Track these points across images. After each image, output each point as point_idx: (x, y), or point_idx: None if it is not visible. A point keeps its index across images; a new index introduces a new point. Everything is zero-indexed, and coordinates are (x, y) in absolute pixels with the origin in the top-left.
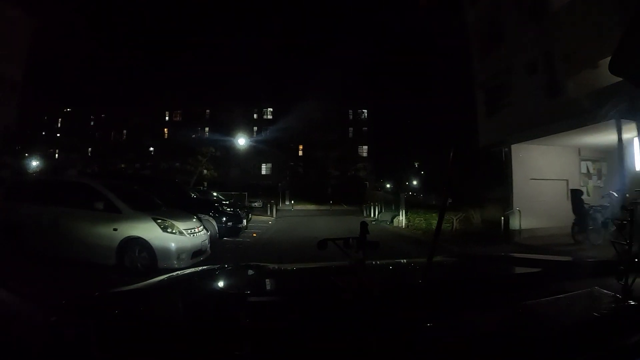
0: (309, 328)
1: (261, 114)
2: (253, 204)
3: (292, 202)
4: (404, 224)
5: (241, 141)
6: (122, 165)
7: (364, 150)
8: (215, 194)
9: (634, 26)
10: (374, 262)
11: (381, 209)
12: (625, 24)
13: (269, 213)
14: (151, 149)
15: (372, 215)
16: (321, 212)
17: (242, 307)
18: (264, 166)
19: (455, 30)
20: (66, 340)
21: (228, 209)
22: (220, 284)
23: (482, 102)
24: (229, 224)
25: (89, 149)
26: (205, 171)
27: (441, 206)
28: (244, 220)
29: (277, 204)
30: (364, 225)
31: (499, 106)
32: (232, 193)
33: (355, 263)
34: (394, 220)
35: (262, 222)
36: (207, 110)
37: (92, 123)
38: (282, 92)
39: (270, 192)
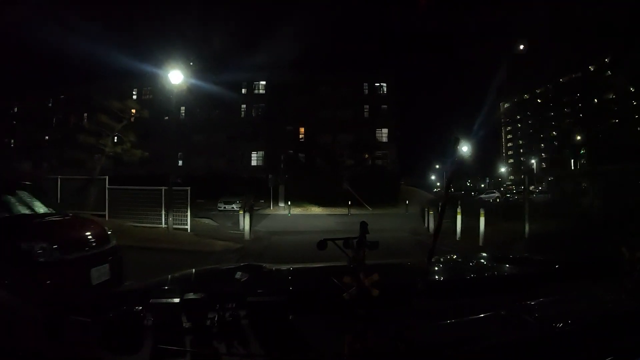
0: (308, 328)
1: (251, 88)
2: (229, 207)
3: (289, 203)
4: None
5: (175, 78)
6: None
7: (382, 133)
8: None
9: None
10: (374, 262)
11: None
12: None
13: (241, 226)
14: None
15: (458, 233)
16: (337, 223)
17: (242, 307)
18: (254, 155)
19: None
20: (65, 340)
21: None
22: (220, 284)
23: None
24: None
25: (46, 137)
26: (118, 148)
27: (442, 204)
28: None
29: (264, 207)
30: (363, 225)
31: None
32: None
33: (355, 263)
34: None
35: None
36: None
37: (50, 105)
38: (277, 59)
39: (261, 187)
